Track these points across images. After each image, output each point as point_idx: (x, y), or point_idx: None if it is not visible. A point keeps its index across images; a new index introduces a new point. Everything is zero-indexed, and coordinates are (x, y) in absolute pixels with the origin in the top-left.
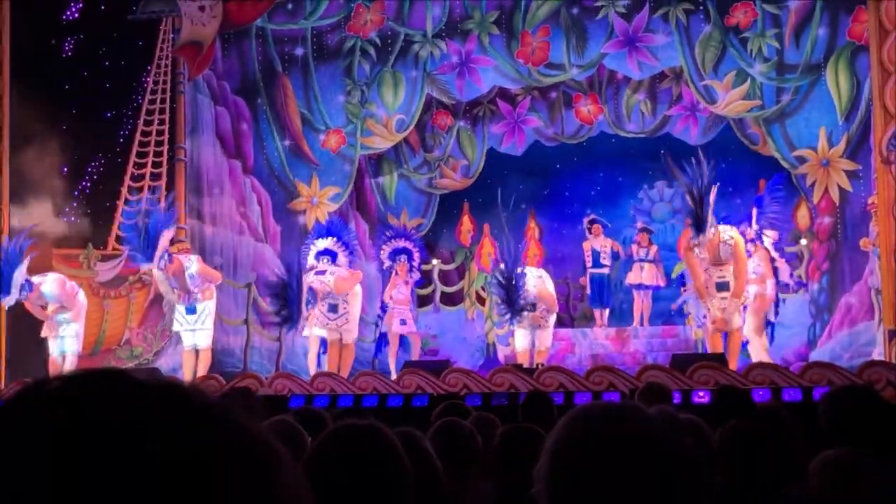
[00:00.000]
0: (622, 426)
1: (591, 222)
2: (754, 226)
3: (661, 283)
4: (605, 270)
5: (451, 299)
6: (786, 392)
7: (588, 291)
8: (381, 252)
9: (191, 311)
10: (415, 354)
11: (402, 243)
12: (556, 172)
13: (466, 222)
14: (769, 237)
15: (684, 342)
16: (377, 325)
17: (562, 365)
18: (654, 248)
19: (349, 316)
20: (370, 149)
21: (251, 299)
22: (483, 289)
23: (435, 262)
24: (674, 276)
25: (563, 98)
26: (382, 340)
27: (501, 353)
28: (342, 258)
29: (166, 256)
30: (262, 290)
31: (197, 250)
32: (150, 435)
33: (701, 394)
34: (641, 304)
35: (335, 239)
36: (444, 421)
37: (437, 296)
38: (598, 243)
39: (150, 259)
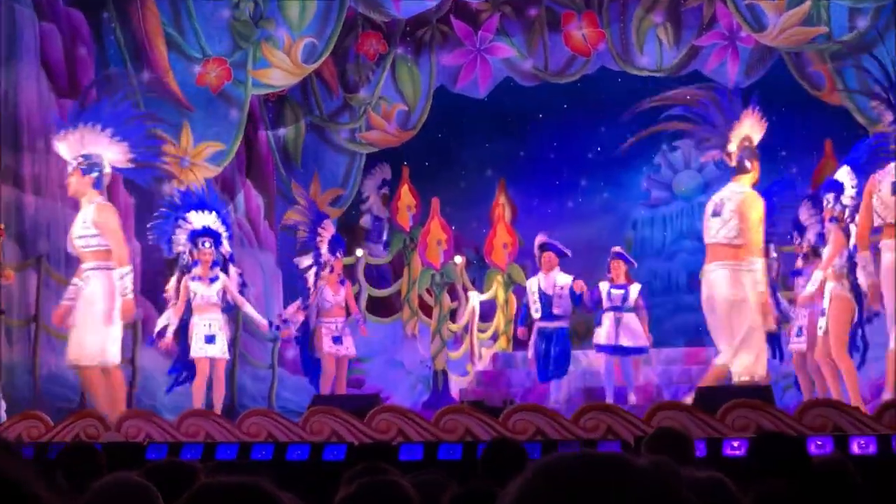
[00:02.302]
0: (596, 485)
1: (543, 248)
2: (829, 202)
3: (647, 344)
4: (560, 324)
5: (383, 307)
6: (854, 441)
7: (531, 356)
8: (319, 240)
9: None
10: (331, 383)
11: (329, 228)
12: (536, 126)
13: (406, 195)
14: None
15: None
16: (275, 344)
17: (541, 403)
18: (636, 288)
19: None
20: (266, 87)
21: None
22: (430, 292)
23: (359, 252)
24: (701, 276)
25: (548, 16)
26: (311, 366)
27: (456, 385)
28: (226, 244)
29: None
30: None
31: (12, 232)
32: None
33: (735, 444)
34: (614, 376)
35: (216, 215)
36: (364, 481)
37: (363, 302)
38: (552, 281)
39: None
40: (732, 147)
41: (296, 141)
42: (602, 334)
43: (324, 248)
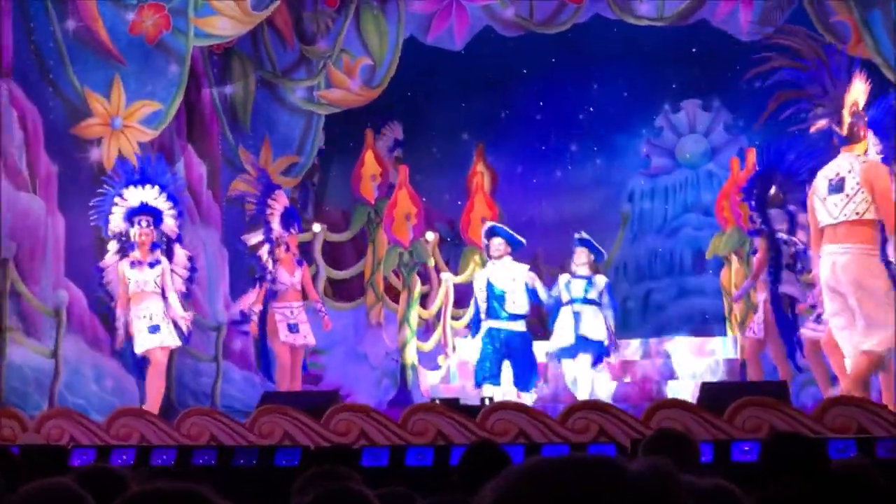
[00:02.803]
0: (583, 492)
1: (491, 234)
2: None
3: (609, 341)
4: (516, 326)
5: (344, 291)
6: (881, 446)
7: (472, 367)
8: (270, 214)
9: None
10: (286, 380)
11: (283, 199)
12: (520, 82)
13: (370, 163)
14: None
15: (726, 365)
16: (219, 332)
17: (524, 402)
18: (601, 279)
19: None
20: (211, 38)
21: (7, 285)
22: (397, 273)
23: (317, 227)
24: (709, 255)
25: None
26: (266, 359)
27: (425, 381)
28: (169, 223)
29: None
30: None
31: None
32: None
33: (746, 447)
34: (573, 377)
35: (159, 189)
36: (321, 491)
37: (321, 285)
38: (503, 273)
39: None
40: (844, 114)
41: (244, 100)
42: (557, 333)
43: (275, 223)
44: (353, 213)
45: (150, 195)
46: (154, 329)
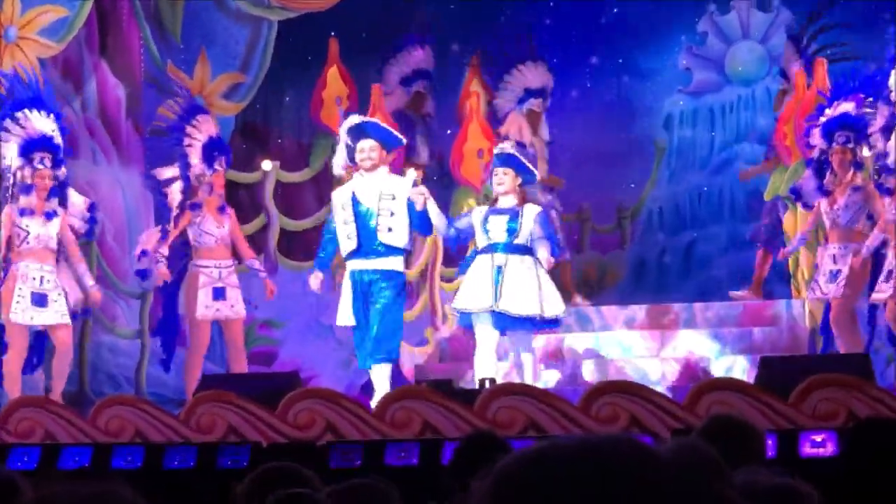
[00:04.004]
0: (599, 479)
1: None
2: None
3: (557, 312)
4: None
5: (303, 246)
6: None
7: (454, 322)
8: (188, 144)
9: None
10: (235, 360)
11: (209, 126)
12: None
13: (334, 81)
14: None
15: (787, 332)
16: (144, 300)
17: (534, 384)
18: (532, 212)
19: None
20: None
21: None
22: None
23: (267, 165)
24: (768, 196)
25: None
26: (169, 334)
27: (410, 358)
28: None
29: None
30: None
31: None
32: None
33: (818, 438)
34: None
35: (54, 118)
36: (277, 497)
37: (272, 240)
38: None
39: None
40: None
41: (173, 5)
42: (471, 291)
43: (194, 156)
44: (313, 147)
45: (49, 125)
46: (40, 300)
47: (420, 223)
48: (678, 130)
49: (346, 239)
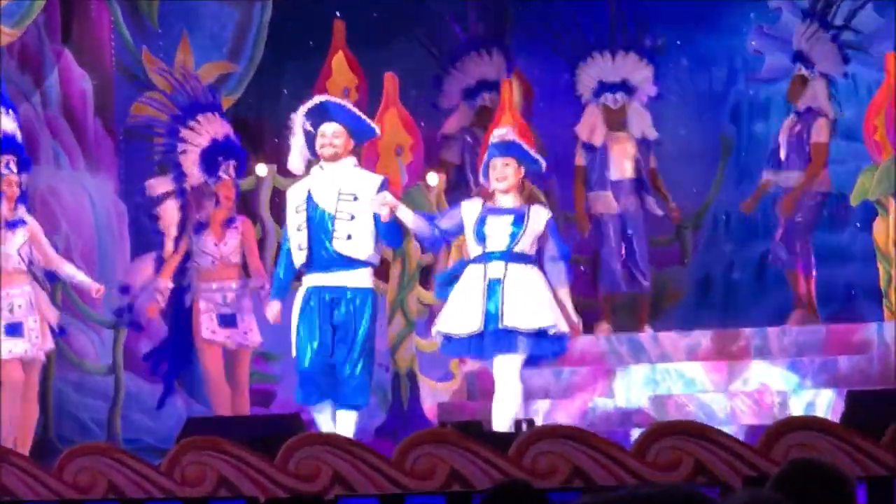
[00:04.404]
0: None
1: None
2: None
3: (563, 330)
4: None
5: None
6: None
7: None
8: (182, 151)
9: None
10: (236, 399)
11: (215, 126)
12: None
13: (341, 69)
14: None
15: (879, 361)
16: (117, 330)
17: (578, 424)
18: (540, 214)
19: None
20: None
21: None
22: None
23: (262, 170)
24: (854, 200)
25: None
26: (177, 359)
27: (432, 396)
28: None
29: None
30: None
31: None
32: None
33: None
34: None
35: (13, 116)
36: None
37: (268, 256)
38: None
39: None
40: None
41: None
42: (460, 310)
43: (189, 164)
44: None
45: (9, 124)
46: (13, 329)
47: (387, 233)
48: (747, 123)
49: (297, 249)
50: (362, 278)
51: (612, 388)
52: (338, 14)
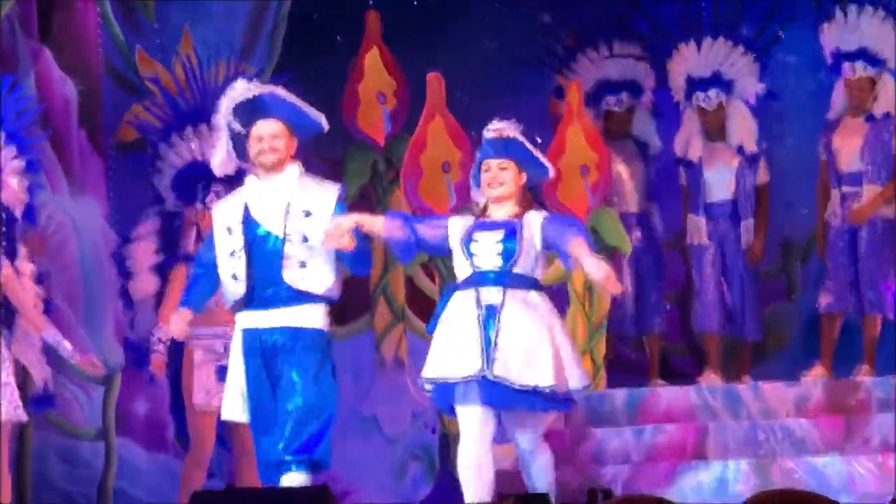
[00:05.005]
0: None
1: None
2: None
3: (577, 384)
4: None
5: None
6: None
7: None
8: (157, 170)
9: None
10: (245, 469)
11: (204, 144)
12: None
13: (374, 68)
14: None
15: None
16: (110, 385)
17: (664, 494)
18: (537, 220)
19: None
20: None
21: None
22: (429, 270)
23: None
24: None
25: None
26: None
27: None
28: (13, 184)
29: None
30: None
31: None
32: None
33: None
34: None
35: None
36: None
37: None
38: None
39: None
40: None
41: None
42: (450, 349)
43: (163, 187)
44: (346, 162)
45: None
46: None
47: (354, 261)
48: None
49: (232, 280)
50: (314, 316)
51: (704, 450)
52: (371, 2)
